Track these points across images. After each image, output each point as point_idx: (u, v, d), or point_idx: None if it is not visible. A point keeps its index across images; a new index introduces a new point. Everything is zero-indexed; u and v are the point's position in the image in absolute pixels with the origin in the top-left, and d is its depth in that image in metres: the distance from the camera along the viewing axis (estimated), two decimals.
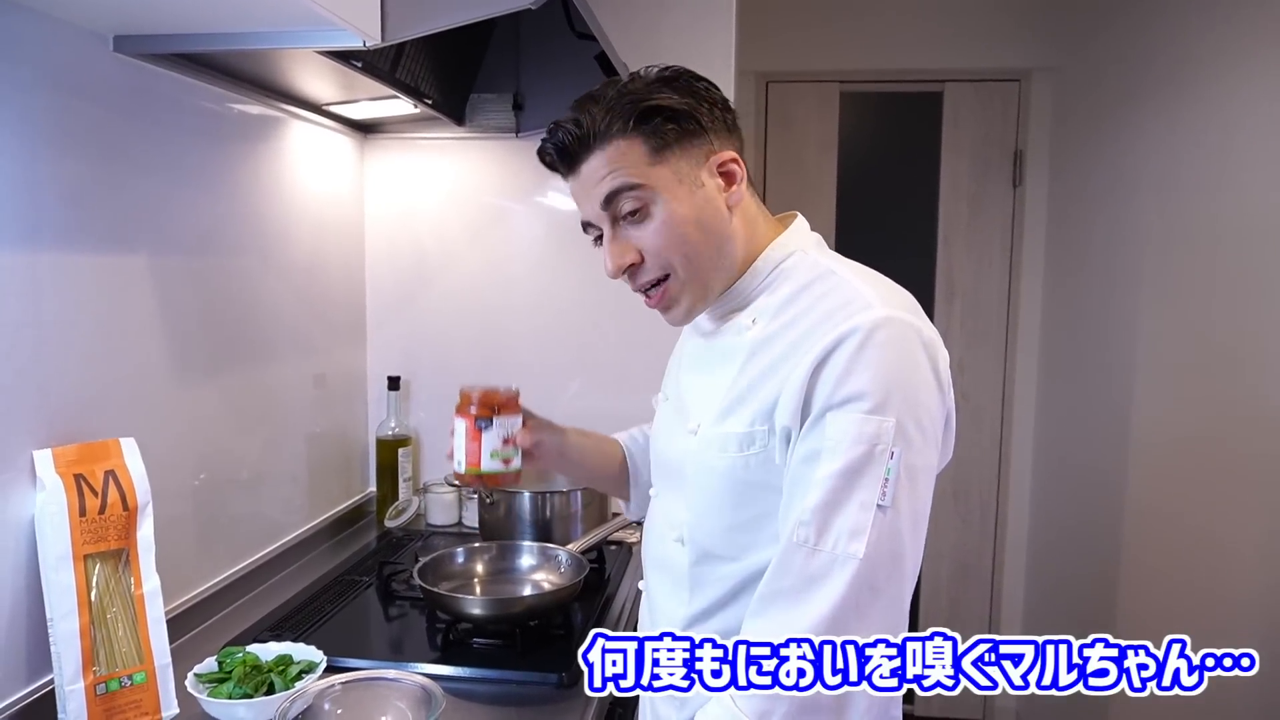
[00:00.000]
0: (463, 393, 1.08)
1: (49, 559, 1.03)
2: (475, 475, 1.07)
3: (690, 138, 0.91)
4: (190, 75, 1.33)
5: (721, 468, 0.91)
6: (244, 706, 1.07)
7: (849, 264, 0.95)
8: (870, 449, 0.81)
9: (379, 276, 2.05)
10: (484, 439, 1.03)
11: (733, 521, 0.92)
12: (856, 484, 0.81)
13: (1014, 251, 2.96)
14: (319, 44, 1.12)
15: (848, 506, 0.80)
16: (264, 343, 1.60)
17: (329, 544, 1.82)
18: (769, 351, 0.90)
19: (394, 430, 1.96)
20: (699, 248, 0.92)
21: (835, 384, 0.82)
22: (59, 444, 1.08)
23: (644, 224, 0.91)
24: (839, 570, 0.80)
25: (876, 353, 0.82)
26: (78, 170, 1.13)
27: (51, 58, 1.08)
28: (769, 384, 0.88)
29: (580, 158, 0.92)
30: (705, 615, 0.96)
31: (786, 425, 0.85)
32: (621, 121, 0.89)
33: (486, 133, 1.96)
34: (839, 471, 0.81)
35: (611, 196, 0.91)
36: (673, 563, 0.99)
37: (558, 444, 1.18)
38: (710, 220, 0.92)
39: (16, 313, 1.04)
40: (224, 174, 1.46)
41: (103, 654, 1.05)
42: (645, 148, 0.90)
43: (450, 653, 1.29)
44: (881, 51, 2.91)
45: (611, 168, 0.90)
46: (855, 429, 0.81)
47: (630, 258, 0.93)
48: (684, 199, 0.91)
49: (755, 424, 0.88)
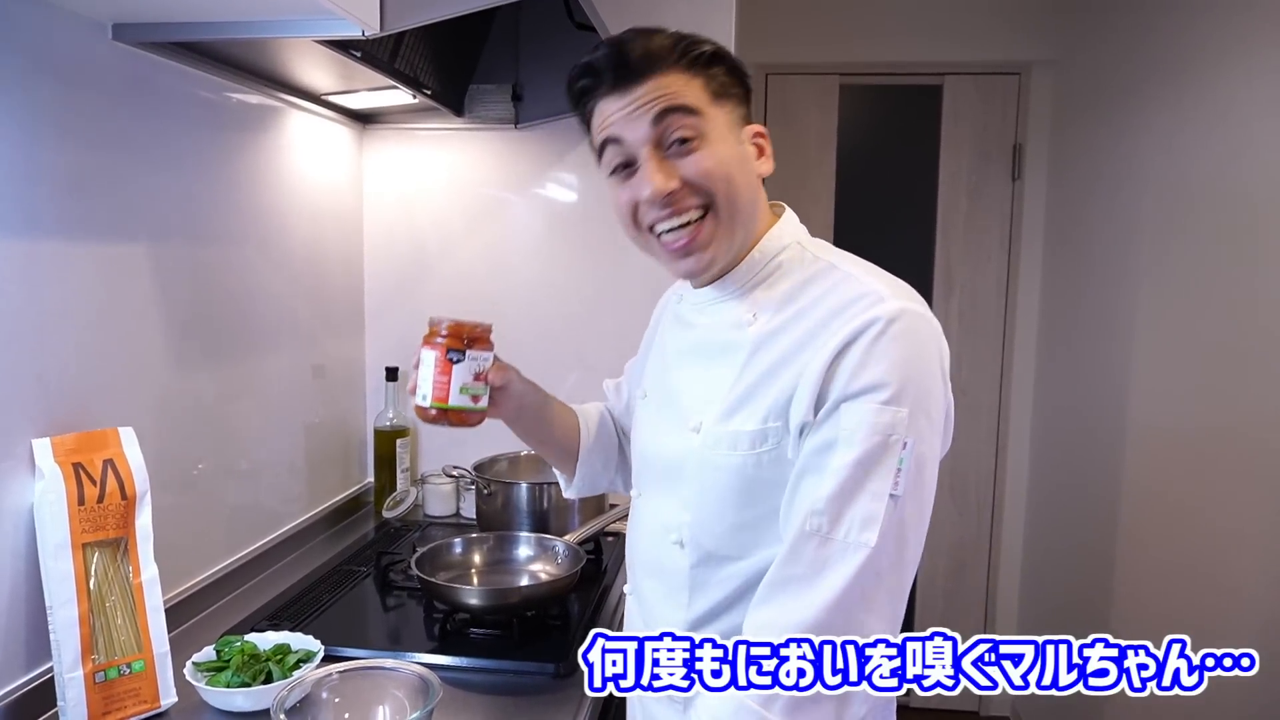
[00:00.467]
0: (431, 322, 1.00)
1: (48, 547, 1.03)
2: (441, 410, 0.99)
3: (737, 98, 0.93)
4: (189, 64, 1.33)
5: (729, 465, 0.90)
6: (242, 695, 1.07)
7: (846, 256, 0.94)
8: (885, 439, 0.81)
9: (377, 267, 2.04)
10: (454, 372, 0.96)
11: (738, 520, 0.91)
12: (871, 473, 0.81)
13: (1012, 245, 2.96)
14: (318, 33, 1.12)
15: (861, 496, 0.81)
16: (262, 333, 1.60)
17: (327, 534, 1.82)
18: (775, 347, 0.89)
19: (392, 421, 1.96)
20: (739, 190, 0.90)
21: (852, 375, 0.82)
22: (57, 433, 1.08)
23: (690, 156, 0.89)
24: (850, 558, 0.80)
25: (893, 344, 0.82)
26: (76, 159, 1.12)
27: (50, 46, 1.07)
28: (780, 380, 0.87)
29: (638, 74, 0.88)
30: (707, 619, 0.94)
31: (802, 419, 0.84)
32: (690, 57, 0.89)
33: (486, 123, 1.96)
34: (854, 461, 0.81)
35: (666, 113, 0.87)
36: (670, 566, 0.97)
37: (521, 392, 1.12)
38: (747, 177, 0.92)
39: (16, 301, 1.04)
40: (223, 163, 1.45)
41: (101, 642, 1.05)
42: (704, 88, 0.89)
43: (447, 643, 1.30)
44: (881, 44, 2.90)
45: (672, 91, 0.88)
46: (871, 419, 0.81)
47: (674, 183, 0.88)
48: (731, 146, 0.91)
49: (768, 421, 0.87)
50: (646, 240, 0.94)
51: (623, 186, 0.92)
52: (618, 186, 0.93)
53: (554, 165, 1.99)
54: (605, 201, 1.99)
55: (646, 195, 0.89)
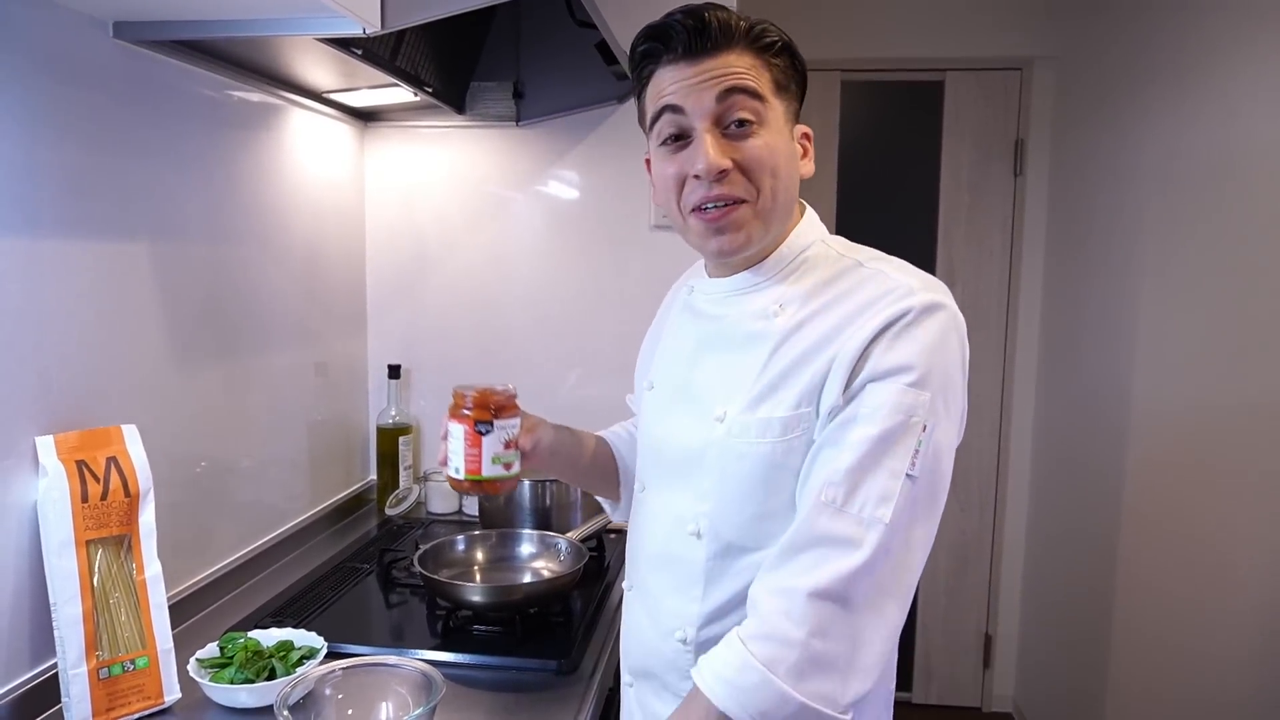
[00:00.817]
0: (456, 393, 1.00)
1: (52, 545, 1.04)
2: (474, 482, 1.00)
3: (793, 95, 0.94)
4: (190, 62, 1.33)
5: (756, 453, 0.89)
6: (245, 691, 1.08)
7: (872, 253, 0.96)
8: (906, 419, 0.82)
9: (379, 265, 2.05)
10: (484, 444, 0.97)
11: (761, 510, 0.90)
12: (889, 451, 0.82)
13: (1014, 240, 2.96)
14: (319, 31, 1.12)
15: (878, 472, 0.82)
16: (265, 330, 1.60)
17: (330, 531, 1.82)
18: (804, 337, 0.90)
19: (394, 418, 1.97)
20: (784, 183, 0.91)
21: (879, 357, 0.84)
22: (61, 431, 1.09)
23: (748, 140, 0.89)
24: (864, 534, 0.81)
25: (922, 330, 0.84)
26: (78, 157, 1.13)
27: (52, 44, 1.08)
28: (812, 367, 0.88)
29: (713, 47, 0.88)
30: (722, 612, 0.93)
31: (832, 404, 0.86)
32: (762, 43, 0.90)
33: (487, 121, 1.96)
34: (875, 437, 0.82)
35: (732, 92, 0.87)
36: (684, 558, 0.96)
37: (550, 442, 1.13)
38: (793, 172, 0.93)
39: (18, 300, 1.04)
40: (225, 161, 1.46)
41: (105, 639, 1.06)
42: (770, 77, 0.90)
43: (450, 639, 1.30)
44: (882, 41, 2.90)
45: (742, 71, 0.88)
46: (895, 398, 0.82)
47: (727, 162, 0.88)
48: (784, 139, 0.92)
49: (801, 406, 0.88)
50: (684, 217, 0.93)
51: (671, 159, 0.92)
52: (666, 158, 0.92)
53: (555, 163, 1.99)
54: (608, 199, 2.00)
55: (700, 168, 0.88)
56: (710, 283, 1.01)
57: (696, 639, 0.95)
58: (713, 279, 1.01)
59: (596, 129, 1.96)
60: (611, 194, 1.97)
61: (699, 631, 0.95)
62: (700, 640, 0.95)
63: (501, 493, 1.03)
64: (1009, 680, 3.10)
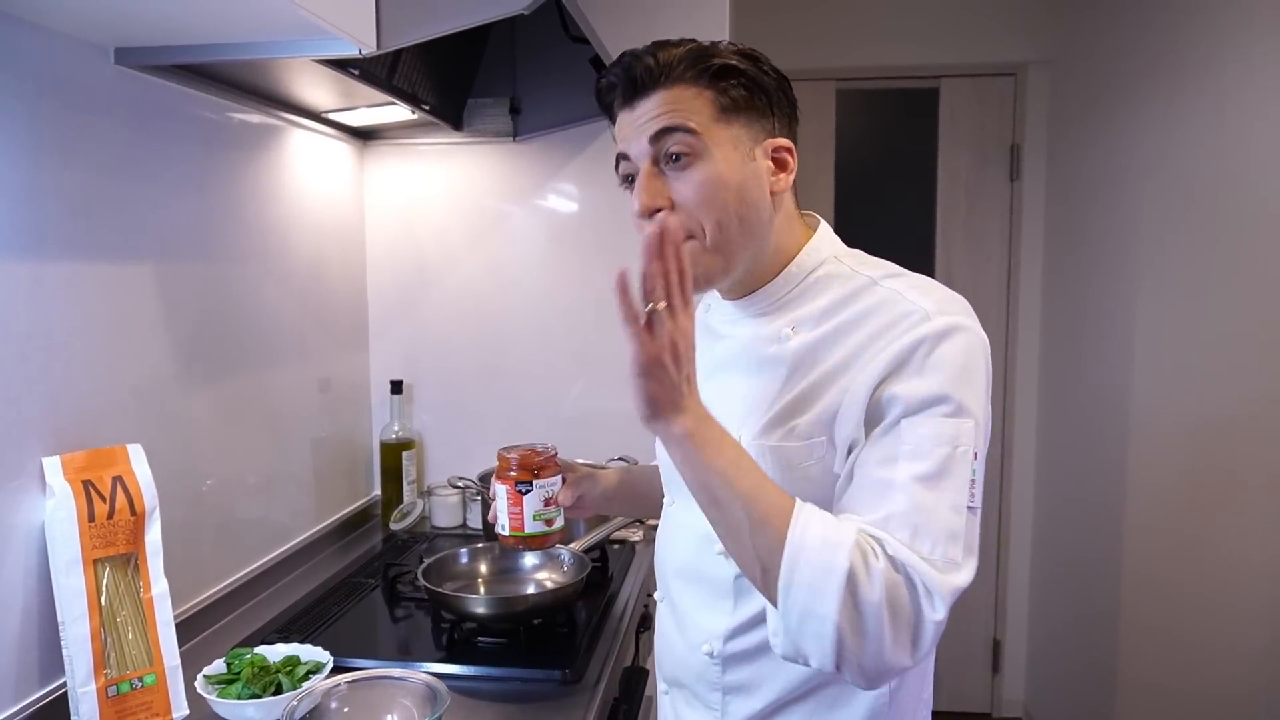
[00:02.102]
0: (501, 457, 1.06)
1: (59, 564, 1.05)
2: (518, 538, 1.07)
3: (755, 111, 0.91)
4: (191, 86, 1.35)
5: (774, 477, 0.87)
6: (253, 707, 1.09)
7: (888, 269, 0.94)
8: (953, 449, 0.79)
9: (380, 281, 2.06)
10: (525, 503, 1.02)
11: None
12: (944, 486, 0.79)
13: (1012, 245, 2.97)
14: (316, 53, 1.14)
15: (939, 510, 0.78)
16: (268, 349, 1.61)
17: (335, 547, 1.83)
18: (818, 363, 0.88)
19: (397, 434, 1.98)
20: (732, 217, 0.88)
21: (909, 387, 0.81)
22: (67, 451, 1.10)
23: (684, 173, 0.88)
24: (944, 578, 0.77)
25: (948, 356, 0.82)
26: (82, 181, 1.14)
27: (54, 71, 1.10)
28: (826, 396, 0.86)
29: (645, 90, 0.89)
30: (749, 626, 0.94)
31: (850, 437, 0.84)
32: (696, 70, 0.88)
33: (484, 137, 1.98)
34: (926, 474, 0.79)
35: (663, 133, 0.87)
36: (713, 575, 0.96)
37: (599, 492, 1.14)
38: (751, 196, 0.90)
39: (24, 322, 1.06)
40: (226, 182, 1.47)
41: (113, 656, 1.07)
42: (712, 104, 0.88)
43: (455, 652, 1.31)
44: (877, 48, 2.92)
45: (673, 108, 0.88)
46: (936, 430, 0.80)
47: (661, 202, 0.88)
48: (733, 165, 0.88)
49: (813, 437, 0.87)
50: None
51: (632, 199, 0.93)
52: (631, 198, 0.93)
53: (553, 176, 2.01)
54: (606, 211, 2.01)
55: (634, 210, 0.90)
56: (722, 304, 1.01)
57: (723, 652, 0.96)
58: (724, 300, 1.01)
59: (593, 142, 1.98)
60: (609, 206, 1.99)
61: (725, 645, 0.96)
62: (727, 654, 0.96)
63: (546, 547, 1.11)
64: (1019, 685, 3.09)
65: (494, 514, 1.08)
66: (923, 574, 0.76)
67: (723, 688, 0.97)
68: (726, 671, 0.96)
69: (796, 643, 0.79)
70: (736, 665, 0.96)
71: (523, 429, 2.04)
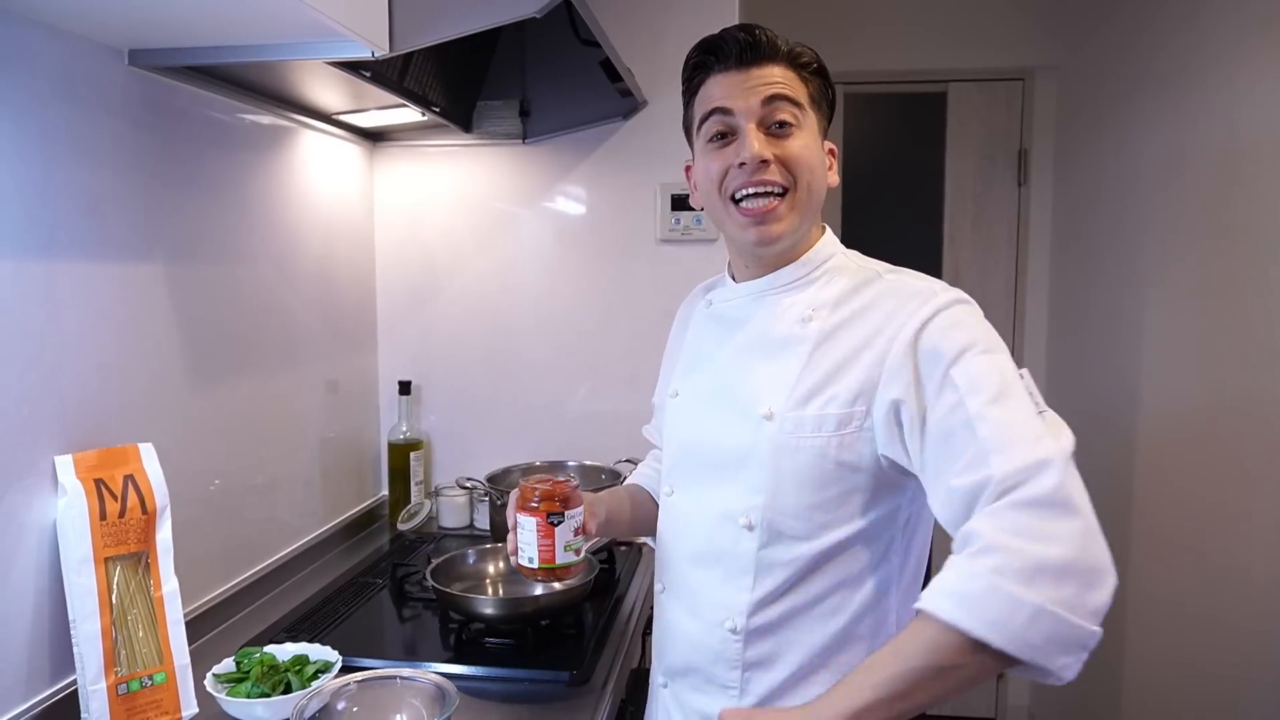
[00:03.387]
0: (524, 488, 1.05)
1: (71, 562, 1.05)
2: (548, 569, 1.05)
3: (826, 114, 1.04)
4: (203, 87, 1.36)
5: (810, 447, 0.95)
6: (261, 705, 1.09)
7: (884, 265, 1.04)
8: (1002, 376, 0.86)
9: (389, 282, 2.07)
10: (557, 534, 1.02)
11: (815, 500, 0.95)
12: (1008, 403, 0.84)
13: (1020, 250, 2.97)
14: (328, 55, 1.14)
15: (1016, 421, 0.83)
16: (277, 349, 1.62)
17: (343, 547, 1.84)
18: (842, 340, 0.96)
19: (405, 434, 1.98)
20: (817, 183, 1.01)
21: (942, 347, 0.88)
22: (79, 450, 1.11)
23: (787, 138, 0.99)
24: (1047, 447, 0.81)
25: (967, 317, 0.92)
26: (95, 181, 1.15)
27: (69, 72, 1.10)
28: (859, 366, 0.93)
29: (763, 59, 0.99)
30: (771, 599, 0.97)
31: (895, 398, 0.89)
32: (803, 61, 1.01)
33: (494, 139, 1.99)
34: (989, 399, 0.84)
35: (777, 98, 0.98)
36: (734, 550, 0.99)
37: (604, 515, 1.17)
38: (821, 175, 1.02)
39: (38, 322, 1.06)
40: (237, 183, 1.48)
41: (124, 654, 1.07)
42: (809, 92, 1.01)
43: (463, 652, 1.31)
44: (885, 53, 2.92)
45: (787, 82, 0.99)
46: (981, 366, 0.87)
47: (769, 153, 0.97)
48: (816, 145, 1.02)
49: (855, 404, 0.93)
50: (725, 208, 1.01)
51: (717, 154, 1.01)
52: (711, 154, 1.01)
53: (562, 179, 2.01)
54: (614, 214, 2.02)
55: (745, 156, 0.97)
56: (735, 288, 1.08)
57: (747, 626, 0.98)
58: (740, 283, 1.08)
59: (602, 145, 1.99)
60: (618, 208, 1.99)
61: (749, 619, 0.98)
62: (750, 628, 0.98)
63: (571, 576, 1.09)
64: (1023, 691, 3.08)
65: (514, 545, 1.07)
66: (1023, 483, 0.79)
67: (744, 664, 0.99)
68: (749, 647, 0.99)
69: (1075, 646, 0.75)
70: (760, 639, 0.98)
71: (530, 430, 2.04)
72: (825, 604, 0.97)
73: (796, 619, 0.97)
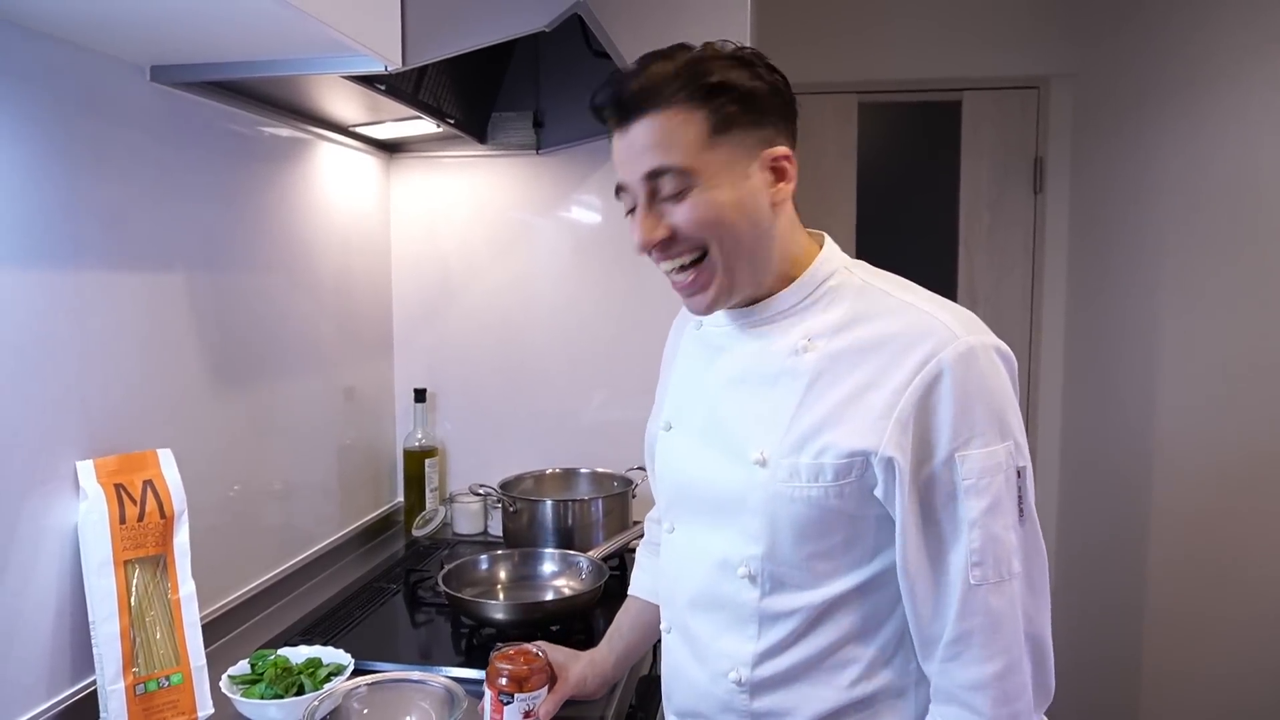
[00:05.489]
0: (490, 661, 1.06)
1: (91, 564, 1.08)
2: None
3: (750, 125, 0.88)
4: (223, 101, 1.39)
5: (807, 497, 0.88)
6: (275, 706, 1.11)
7: (898, 282, 0.94)
8: (1004, 478, 0.85)
9: (405, 292, 2.10)
10: (505, 713, 1.04)
11: (816, 549, 0.89)
12: (1001, 512, 0.84)
13: (1036, 258, 2.96)
14: (343, 69, 1.17)
15: (1003, 535, 0.84)
16: (295, 357, 1.65)
17: (358, 552, 1.86)
18: (842, 375, 0.88)
19: (420, 441, 2.01)
20: (736, 233, 0.88)
21: (953, 425, 0.83)
22: (100, 455, 1.13)
23: (680, 205, 0.87)
24: (1009, 590, 0.85)
25: (979, 384, 0.84)
26: (118, 193, 1.18)
27: (92, 88, 1.14)
28: (858, 412, 0.86)
29: (636, 114, 0.87)
30: (778, 649, 0.92)
31: (889, 456, 0.84)
32: (688, 91, 0.86)
33: (508, 150, 2.01)
34: (987, 508, 0.84)
35: (655, 173, 0.87)
36: (735, 601, 0.93)
37: (602, 675, 1.16)
38: (752, 211, 0.88)
39: (62, 330, 1.09)
40: (256, 195, 1.51)
41: (142, 656, 1.10)
42: (703, 125, 0.86)
43: (474, 656, 1.33)
44: (899, 61, 2.93)
45: (662, 140, 0.86)
46: (986, 463, 0.84)
47: (660, 234, 0.88)
48: (728, 186, 0.87)
49: (854, 456, 0.86)
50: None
51: (632, 229, 0.92)
52: (631, 228, 0.92)
53: (576, 189, 2.03)
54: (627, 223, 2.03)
55: (637, 247, 0.91)
56: (716, 317, 0.99)
57: (751, 678, 0.93)
58: (721, 313, 0.98)
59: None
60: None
61: (753, 671, 0.93)
62: (755, 680, 0.93)
63: None
64: None
65: (482, 709, 1.07)
66: None
67: (751, 715, 0.94)
68: (755, 699, 0.93)
69: None
70: (767, 691, 0.93)
71: (543, 438, 2.06)
72: (837, 656, 0.91)
73: (809, 672, 0.91)
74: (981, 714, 0.85)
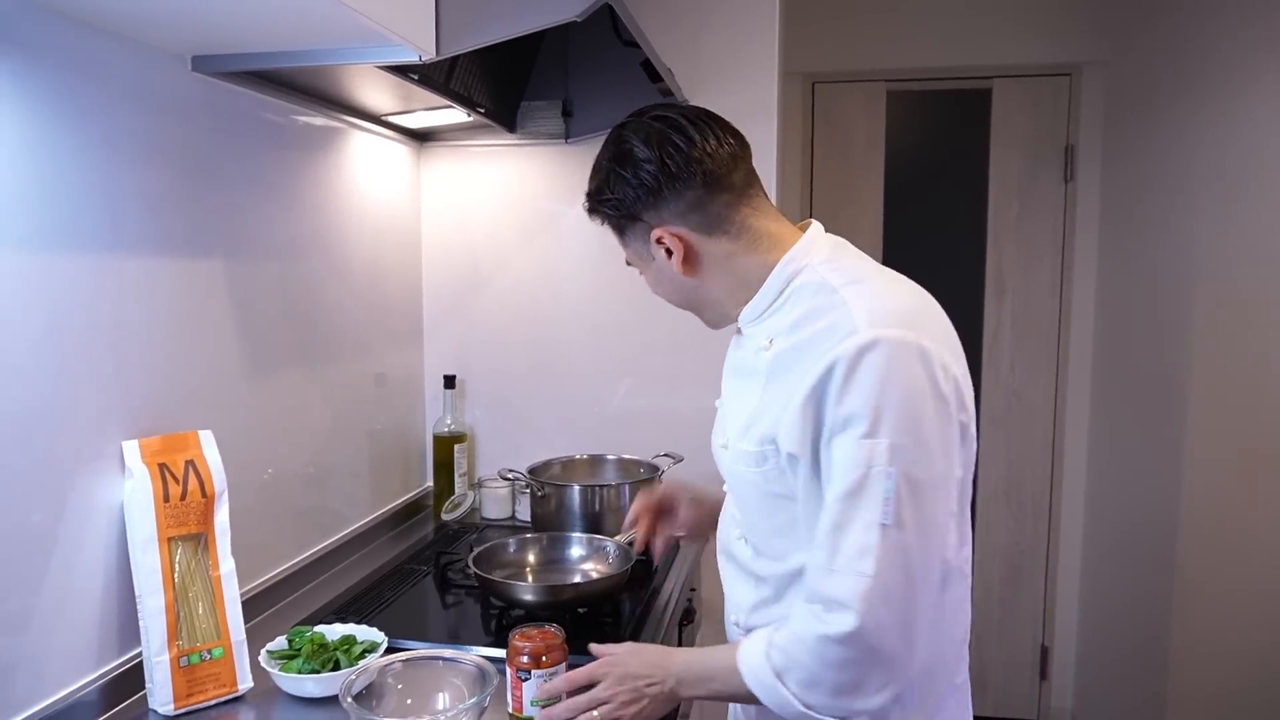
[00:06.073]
0: (510, 640, 1.11)
1: (137, 541, 1.12)
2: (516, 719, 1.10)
3: (629, 223, 1.04)
4: (261, 91, 1.41)
5: (750, 479, 1.01)
6: (312, 681, 1.14)
7: (852, 272, 0.96)
8: (866, 471, 0.86)
9: (435, 279, 2.12)
10: (524, 689, 1.08)
11: (769, 526, 1.02)
12: (857, 504, 0.87)
13: (1065, 248, 2.93)
14: (378, 59, 1.19)
15: (851, 528, 0.87)
16: (328, 343, 1.68)
17: (389, 535, 1.90)
18: (782, 376, 0.96)
19: (450, 427, 2.04)
20: (674, 299, 1.08)
21: (833, 410, 0.88)
22: (144, 435, 1.17)
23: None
24: (852, 592, 0.86)
25: (865, 375, 0.86)
26: (158, 181, 1.22)
27: (135, 78, 1.17)
28: (772, 406, 0.96)
29: None
30: (766, 603, 1.05)
31: (791, 450, 0.92)
32: (590, 212, 1.08)
33: (537, 139, 2.03)
34: (841, 494, 0.88)
35: None
36: (739, 555, 1.10)
37: (710, 512, 1.30)
38: (670, 282, 1.05)
39: (108, 315, 1.13)
40: (291, 183, 1.54)
41: (185, 630, 1.13)
42: (612, 229, 1.07)
43: (503, 637, 1.34)
44: (928, 49, 2.91)
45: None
46: (851, 453, 0.87)
47: None
48: (648, 270, 1.08)
49: (765, 444, 0.96)
50: None
51: None
52: None
53: None
54: None
55: None
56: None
57: (747, 624, 1.08)
58: None
59: None
60: None
61: (748, 618, 1.08)
62: (749, 626, 1.07)
63: None
64: (1066, 693, 3.05)
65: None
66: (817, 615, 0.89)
67: None
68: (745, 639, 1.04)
69: None
70: None
71: (571, 424, 2.08)
72: None
73: None
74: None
